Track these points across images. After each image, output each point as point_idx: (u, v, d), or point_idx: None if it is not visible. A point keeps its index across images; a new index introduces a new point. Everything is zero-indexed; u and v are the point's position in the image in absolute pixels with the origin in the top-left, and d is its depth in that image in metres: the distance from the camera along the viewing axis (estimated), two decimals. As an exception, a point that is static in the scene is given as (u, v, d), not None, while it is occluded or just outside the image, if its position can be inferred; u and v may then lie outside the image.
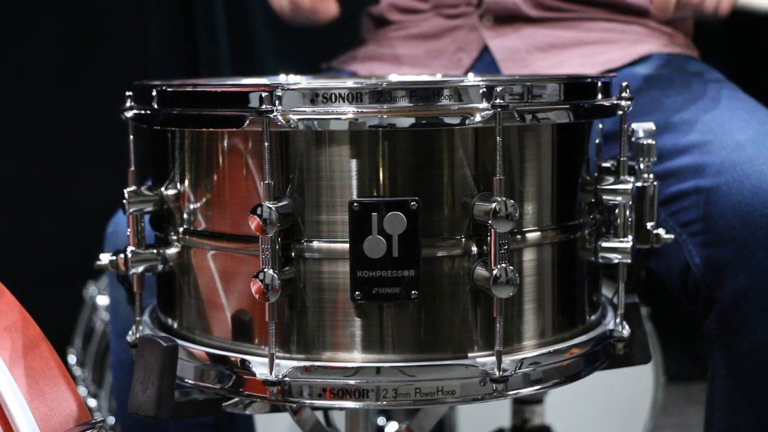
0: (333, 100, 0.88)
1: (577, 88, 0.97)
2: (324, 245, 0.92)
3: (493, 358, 0.90)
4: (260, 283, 0.88)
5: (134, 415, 0.94)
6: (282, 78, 1.28)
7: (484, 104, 0.89)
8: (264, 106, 0.88)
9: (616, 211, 1.03)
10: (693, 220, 1.27)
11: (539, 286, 0.97)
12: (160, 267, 1.02)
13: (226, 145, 0.95)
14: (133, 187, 1.00)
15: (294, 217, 0.91)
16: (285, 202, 0.90)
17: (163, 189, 1.01)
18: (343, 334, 0.92)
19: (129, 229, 1.01)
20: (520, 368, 0.93)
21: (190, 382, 0.97)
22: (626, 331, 1.04)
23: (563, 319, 0.99)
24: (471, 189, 0.91)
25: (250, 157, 0.93)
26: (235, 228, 0.95)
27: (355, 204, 0.89)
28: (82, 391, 2.10)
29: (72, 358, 2.23)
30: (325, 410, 1.22)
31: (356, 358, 0.92)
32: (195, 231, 0.99)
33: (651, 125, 1.06)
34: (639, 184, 1.06)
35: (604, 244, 1.03)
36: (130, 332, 1.04)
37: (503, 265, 0.88)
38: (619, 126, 1.02)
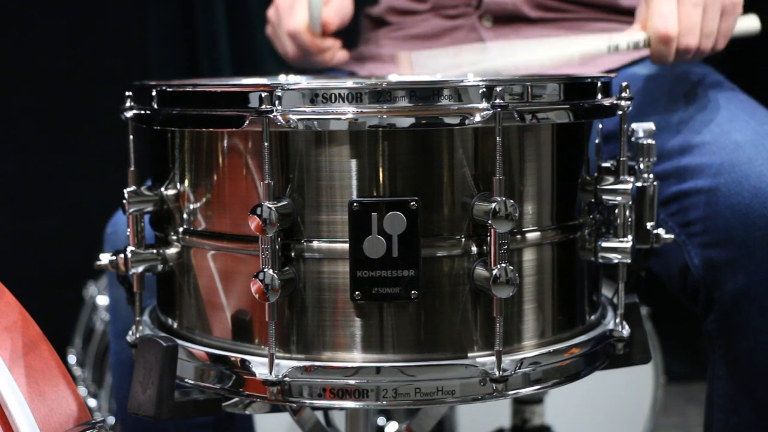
0: (333, 100, 0.88)
1: (576, 88, 0.97)
2: (324, 245, 0.92)
3: (493, 358, 0.91)
4: (260, 283, 0.88)
5: (134, 415, 0.94)
6: (282, 78, 1.28)
7: (484, 104, 0.89)
8: (264, 106, 0.88)
9: (616, 211, 1.03)
10: (692, 221, 1.27)
11: (539, 286, 0.97)
12: (160, 267, 1.02)
13: (226, 145, 0.95)
14: (133, 187, 1.00)
15: (294, 217, 0.91)
16: (285, 202, 0.90)
17: (163, 189, 1.01)
18: (343, 334, 0.92)
19: (129, 229, 1.01)
20: (519, 368, 0.93)
21: (190, 382, 0.97)
22: (626, 331, 1.04)
23: (563, 319, 0.99)
24: (471, 189, 0.91)
25: (250, 157, 0.93)
26: (235, 228, 0.95)
27: (355, 204, 0.89)
28: (82, 391, 2.10)
29: (72, 358, 2.23)
30: (325, 410, 1.22)
31: (356, 358, 0.92)
32: (195, 231, 0.99)
33: (651, 125, 1.07)
34: (639, 184, 1.06)
35: (604, 244, 1.03)
36: (130, 332, 1.04)
37: (503, 265, 0.88)
38: (618, 126, 1.02)
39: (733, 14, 1.26)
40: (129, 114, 1.00)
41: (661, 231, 1.08)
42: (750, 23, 1.36)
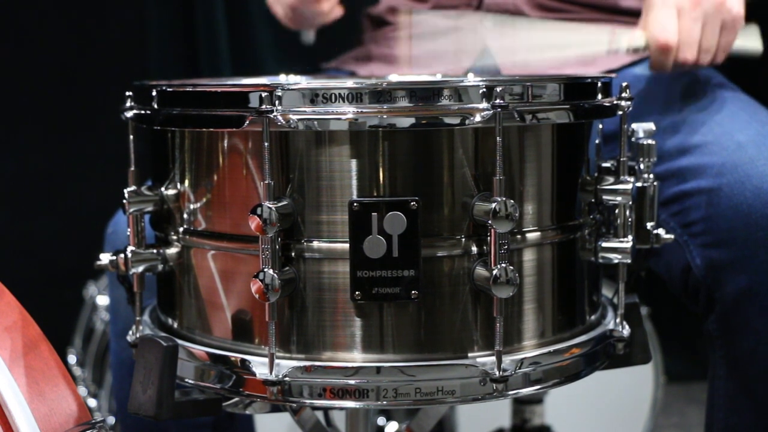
0: (333, 100, 0.88)
1: (577, 88, 0.97)
2: (324, 245, 0.92)
3: (493, 358, 0.90)
4: (260, 283, 0.88)
5: (134, 415, 0.94)
6: (282, 78, 1.28)
7: (484, 104, 0.89)
8: (264, 106, 0.88)
9: (616, 211, 1.03)
10: (694, 221, 1.27)
11: (539, 286, 0.97)
12: (160, 267, 1.02)
13: (226, 145, 0.95)
14: (133, 187, 1.00)
15: (294, 217, 0.91)
16: (285, 202, 0.90)
17: (163, 189, 1.01)
18: (343, 334, 0.92)
19: (129, 229, 1.01)
20: (520, 368, 0.93)
21: (190, 382, 0.97)
22: (626, 331, 1.04)
23: (563, 319, 0.99)
24: (471, 189, 0.91)
25: (250, 157, 0.93)
26: (235, 228, 0.95)
27: (355, 204, 0.89)
28: (82, 391, 2.10)
29: (72, 358, 2.23)
30: (325, 410, 1.22)
31: (356, 358, 0.92)
32: (195, 231, 0.99)
33: (651, 125, 1.07)
34: (639, 184, 1.06)
35: (604, 244, 1.03)
36: (130, 332, 1.04)
37: (503, 265, 0.88)
38: (619, 126, 1.02)
39: (733, 30, 1.26)
40: (129, 114, 1.00)
41: (661, 231, 1.08)
42: (752, 43, 1.35)
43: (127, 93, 1.01)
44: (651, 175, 1.06)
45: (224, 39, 2.51)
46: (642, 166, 1.06)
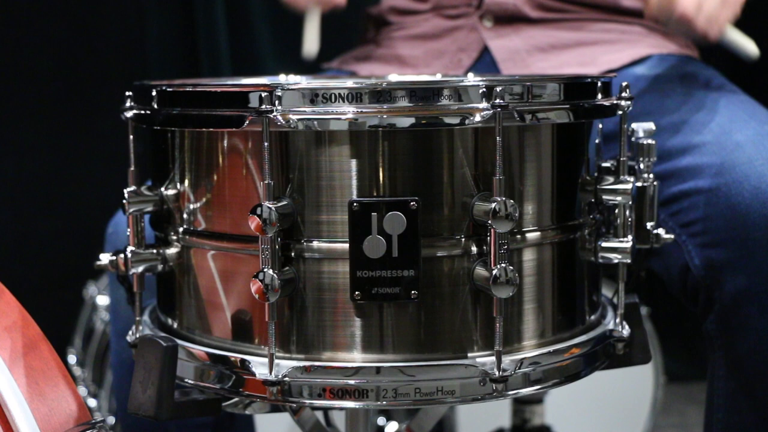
0: (333, 100, 0.88)
1: (577, 88, 0.97)
2: (324, 245, 0.92)
3: (493, 358, 0.90)
4: (260, 283, 0.88)
5: (134, 415, 0.94)
6: (282, 78, 1.28)
7: (484, 104, 0.89)
8: (264, 106, 0.88)
9: (616, 211, 1.03)
10: (692, 221, 1.27)
11: (539, 286, 0.97)
12: (160, 267, 1.02)
13: (226, 145, 0.95)
14: (133, 187, 1.00)
15: (294, 217, 0.91)
16: (285, 202, 0.90)
17: (163, 189, 1.01)
18: (343, 334, 0.92)
19: (129, 229, 1.01)
20: (519, 368, 0.93)
21: (190, 382, 0.97)
22: (626, 331, 1.04)
23: (563, 319, 0.99)
24: (471, 189, 0.91)
25: (250, 157, 0.93)
26: (235, 228, 0.95)
27: (355, 204, 0.89)
28: (82, 391, 2.10)
29: (72, 358, 2.23)
30: (325, 410, 1.22)
31: (356, 358, 0.92)
32: (195, 231, 0.99)
33: (651, 125, 1.07)
34: (639, 184, 1.06)
35: (604, 244, 1.03)
36: (130, 332, 1.04)
37: (503, 265, 0.88)
38: (619, 126, 1.02)
39: (734, 6, 1.26)
40: (129, 114, 1.00)
41: (661, 231, 1.08)
42: (750, 46, 1.35)
43: (127, 93, 1.01)
44: (651, 175, 1.06)
45: (224, 39, 2.51)
46: (642, 166, 1.06)
